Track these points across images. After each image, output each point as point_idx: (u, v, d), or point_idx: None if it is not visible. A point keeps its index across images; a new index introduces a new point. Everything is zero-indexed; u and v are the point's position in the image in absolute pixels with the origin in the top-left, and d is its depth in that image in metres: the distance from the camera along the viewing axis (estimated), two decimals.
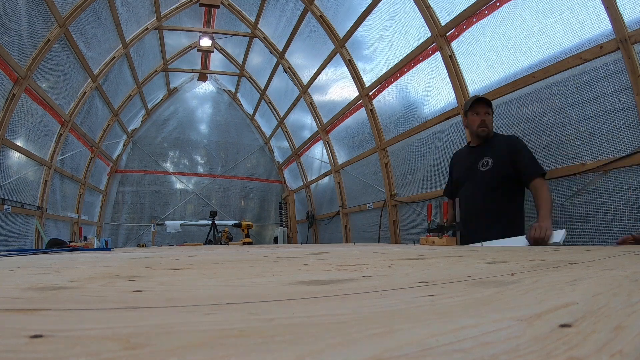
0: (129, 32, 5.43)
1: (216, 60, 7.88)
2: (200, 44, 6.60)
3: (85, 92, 5.13)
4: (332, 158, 6.01)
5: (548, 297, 0.47)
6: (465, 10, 3.09)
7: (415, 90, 4.12)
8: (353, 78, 4.83)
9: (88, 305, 0.48)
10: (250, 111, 8.42)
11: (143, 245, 7.10)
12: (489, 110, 2.54)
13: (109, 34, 5.02)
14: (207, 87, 8.40)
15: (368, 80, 4.65)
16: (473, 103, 2.54)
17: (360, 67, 4.79)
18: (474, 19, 3.09)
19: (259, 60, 7.09)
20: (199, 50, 6.99)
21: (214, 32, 6.65)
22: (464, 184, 2.62)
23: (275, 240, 7.98)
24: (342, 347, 0.27)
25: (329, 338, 0.30)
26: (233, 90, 8.38)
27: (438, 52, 3.45)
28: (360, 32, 4.55)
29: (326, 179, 6.52)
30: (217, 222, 7.32)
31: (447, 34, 3.33)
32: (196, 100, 8.42)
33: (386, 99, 4.51)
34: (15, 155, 4.19)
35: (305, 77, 6.03)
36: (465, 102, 2.84)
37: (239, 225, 6.85)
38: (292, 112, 6.96)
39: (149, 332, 0.33)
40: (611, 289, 0.51)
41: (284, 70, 6.30)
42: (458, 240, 2.49)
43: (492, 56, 3.06)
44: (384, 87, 4.43)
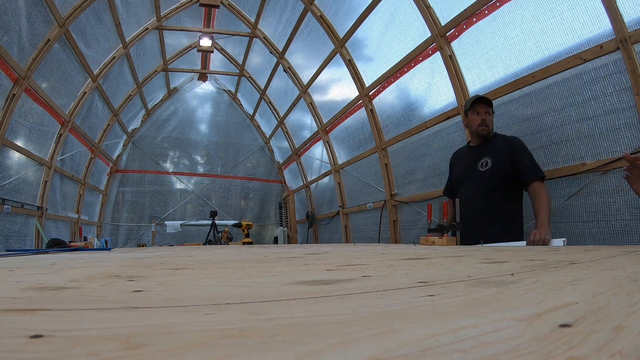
0: (129, 32, 5.43)
1: (216, 60, 7.88)
2: (200, 44, 6.60)
3: (85, 92, 5.13)
4: (332, 158, 6.01)
5: (548, 297, 0.47)
6: (465, 10, 3.09)
7: (415, 90, 4.12)
8: (353, 78, 4.83)
9: (88, 305, 0.48)
10: (250, 111, 8.42)
11: (143, 245, 7.10)
12: (489, 109, 2.54)
13: (109, 34, 5.02)
14: (207, 87, 8.40)
15: (368, 80, 4.65)
16: (474, 102, 2.54)
17: (360, 67, 4.79)
18: (474, 19, 3.09)
19: (259, 60, 7.09)
20: (199, 50, 6.99)
21: (214, 32, 6.65)
22: (463, 183, 2.62)
23: (275, 240, 7.98)
24: (342, 347, 0.27)
25: (329, 338, 0.30)
26: (233, 90, 8.38)
27: (438, 52, 3.45)
28: (360, 32, 4.55)
29: (326, 179, 6.52)
30: (217, 222, 7.32)
31: (447, 34, 3.33)
32: (196, 100, 8.42)
33: (386, 99, 4.51)
34: (15, 155, 4.19)
35: (305, 77, 6.02)
36: (465, 101, 2.84)
37: (239, 225, 6.85)
38: (292, 112, 6.96)
39: (149, 332, 0.33)
40: (611, 289, 0.51)
41: (284, 70, 6.30)
42: (458, 240, 2.49)
43: (492, 56, 3.06)
44: (384, 87, 4.42)
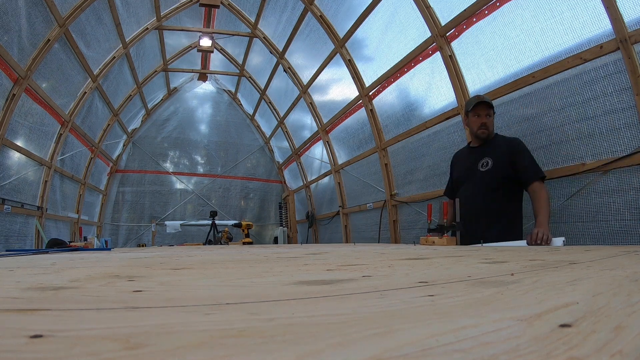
0: (129, 32, 5.43)
1: (216, 60, 7.88)
2: (200, 44, 6.60)
3: (85, 92, 5.13)
4: (332, 158, 6.01)
5: (548, 297, 0.47)
6: (465, 10, 3.09)
7: (415, 90, 4.12)
8: (353, 78, 4.83)
9: (88, 305, 0.48)
10: (250, 111, 8.42)
11: (143, 245, 7.10)
12: (490, 112, 2.54)
13: (109, 34, 5.02)
14: (207, 87, 8.40)
15: (368, 80, 4.65)
16: (475, 105, 2.54)
17: (360, 67, 4.79)
18: (474, 19, 3.09)
19: (259, 60, 7.09)
20: (199, 50, 6.99)
21: (214, 32, 6.65)
22: (463, 184, 2.63)
23: (275, 240, 7.98)
24: (342, 347, 0.27)
25: (329, 338, 0.30)
26: (233, 90, 8.38)
27: (438, 52, 3.45)
28: (360, 32, 4.55)
29: (326, 179, 6.52)
30: (217, 222, 7.32)
31: (447, 34, 3.33)
32: (196, 100, 8.42)
33: (386, 99, 4.51)
34: (15, 155, 4.19)
35: (305, 77, 6.02)
36: (467, 101, 2.84)
37: (239, 225, 6.85)
38: (292, 112, 6.96)
39: (148, 332, 0.33)
40: (611, 289, 0.51)
41: (284, 70, 6.30)
42: (458, 240, 2.49)
43: (492, 56, 3.06)
44: (384, 87, 4.42)
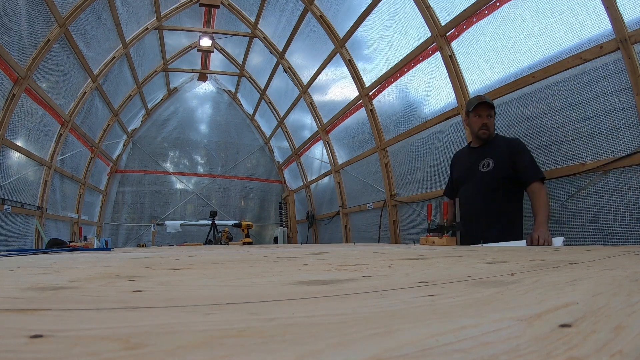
0: (129, 32, 5.43)
1: (216, 60, 7.88)
2: (200, 44, 6.60)
3: (85, 92, 5.13)
4: (332, 158, 6.00)
5: (548, 297, 0.47)
6: (465, 10, 3.09)
7: (415, 90, 4.12)
8: (353, 78, 4.83)
9: (88, 305, 0.48)
10: (250, 111, 8.42)
11: (143, 245, 7.10)
12: (491, 112, 2.54)
13: (109, 34, 5.02)
14: (207, 87, 8.40)
15: (368, 80, 4.65)
16: (476, 105, 2.54)
17: (360, 67, 4.79)
18: (474, 19, 3.09)
19: (259, 60, 7.09)
20: (199, 50, 6.99)
21: (214, 32, 6.65)
22: (464, 184, 2.63)
23: (275, 240, 7.98)
24: (342, 347, 0.27)
25: (329, 338, 0.30)
26: (233, 90, 8.38)
27: (438, 52, 3.45)
28: (360, 32, 4.55)
29: (326, 179, 6.52)
30: (217, 222, 7.32)
31: (447, 34, 3.33)
32: (196, 100, 8.42)
33: (386, 99, 4.51)
34: (15, 155, 4.19)
35: (305, 77, 6.02)
36: (468, 101, 2.84)
37: (239, 225, 6.85)
38: (292, 112, 6.96)
39: (148, 332, 0.33)
40: (611, 289, 0.51)
41: (284, 70, 6.30)
42: (458, 240, 2.49)
43: (492, 56, 3.06)
44: (384, 87, 4.42)
